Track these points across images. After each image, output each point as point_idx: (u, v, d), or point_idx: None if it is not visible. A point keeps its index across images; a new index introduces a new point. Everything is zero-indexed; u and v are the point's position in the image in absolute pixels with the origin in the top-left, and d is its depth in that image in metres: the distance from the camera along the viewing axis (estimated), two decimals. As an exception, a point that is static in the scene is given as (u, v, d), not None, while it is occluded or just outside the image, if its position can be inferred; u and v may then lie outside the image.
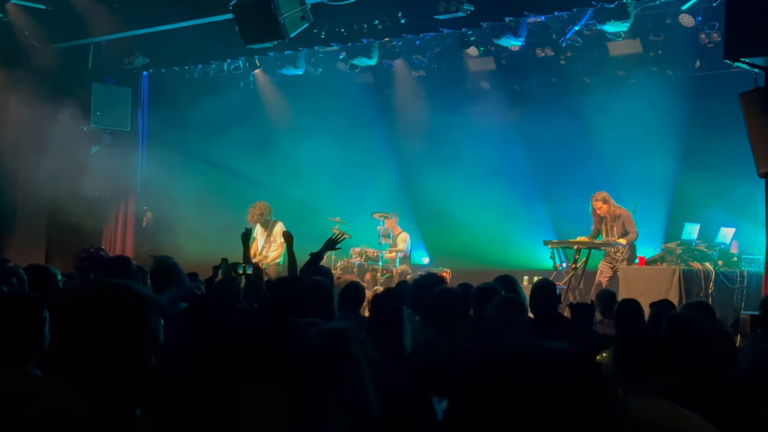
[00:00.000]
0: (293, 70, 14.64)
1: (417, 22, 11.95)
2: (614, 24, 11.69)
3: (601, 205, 12.99)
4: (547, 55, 14.00)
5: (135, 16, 13.48)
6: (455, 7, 10.98)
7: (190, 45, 13.82)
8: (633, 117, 14.06)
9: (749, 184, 10.29)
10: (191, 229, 15.16)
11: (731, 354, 4.63)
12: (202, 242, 14.18)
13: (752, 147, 9.16)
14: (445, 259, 15.26)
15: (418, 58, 15.22)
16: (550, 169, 14.96)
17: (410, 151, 16.14)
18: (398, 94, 16.52)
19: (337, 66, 15.09)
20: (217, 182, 15.77)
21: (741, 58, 9.27)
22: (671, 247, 12.34)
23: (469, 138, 15.67)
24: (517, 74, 15.21)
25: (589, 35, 13.22)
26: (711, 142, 13.04)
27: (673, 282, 11.64)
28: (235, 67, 15.19)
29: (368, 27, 12.30)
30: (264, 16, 11.17)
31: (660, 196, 13.94)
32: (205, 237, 14.75)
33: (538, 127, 15.08)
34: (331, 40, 12.81)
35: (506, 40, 12.49)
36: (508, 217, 14.88)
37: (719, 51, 10.41)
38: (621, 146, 14.03)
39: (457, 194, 15.41)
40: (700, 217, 12.85)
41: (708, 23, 12.32)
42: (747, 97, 9.27)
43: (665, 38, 13.09)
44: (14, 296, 3.70)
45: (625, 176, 13.81)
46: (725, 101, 12.01)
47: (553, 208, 14.88)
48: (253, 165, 16.03)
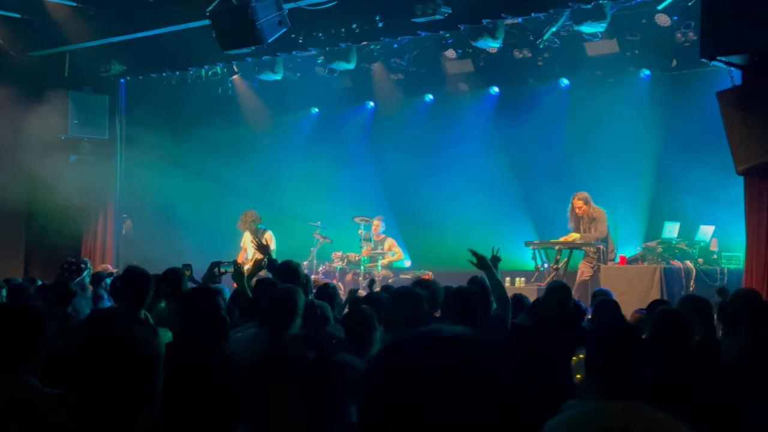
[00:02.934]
0: (271, 75, 14.60)
1: (395, 26, 11.94)
2: (591, 24, 11.73)
3: (582, 205, 13.04)
4: (524, 56, 14.03)
5: (111, 23, 13.41)
6: (432, 10, 10.98)
7: (167, 51, 13.77)
8: (611, 117, 14.13)
9: (728, 181, 10.34)
10: (171, 235, 15.10)
11: (714, 368, 4.56)
12: (182, 249, 14.12)
13: (730, 145, 9.21)
14: (427, 262, 15.26)
15: (396, 61, 15.23)
16: (529, 170, 14.99)
17: (390, 155, 16.13)
18: (377, 97, 16.54)
19: (315, 70, 15.07)
20: (196, 189, 15.71)
21: (717, 57, 9.32)
22: (652, 246, 12.40)
23: (448, 140, 15.71)
24: (494, 76, 15.25)
25: (566, 36, 13.25)
26: (689, 141, 13.11)
27: (654, 280, 11.70)
28: (213, 73, 15.14)
29: (346, 31, 12.30)
30: (241, 22, 11.13)
31: (640, 195, 14.00)
32: (185, 243, 14.70)
33: (516, 128, 15.13)
34: (309, 44, 12.79)
35: (484, 42, 12.49)
36: (488, 219, 14.89)
37: (695, 50, 10.45)
38: (600, 146, 14.09)
39: (437, 196, 15.42)
40: (679, 216, 12.92)
41: (684, 22, 12.38)
42: (724, 96, 9.33)
43: (642, 38, 13.14)
44: (12, 306, 3.70)
45: (604, 176, 13.86)
46: (702, 100, 12.09)
47: (534, 209, 14.91)
48: (233, 171, 16.01)
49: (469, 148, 15.50)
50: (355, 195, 16.10)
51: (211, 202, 15.58)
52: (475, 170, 15.41)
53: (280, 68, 14.54)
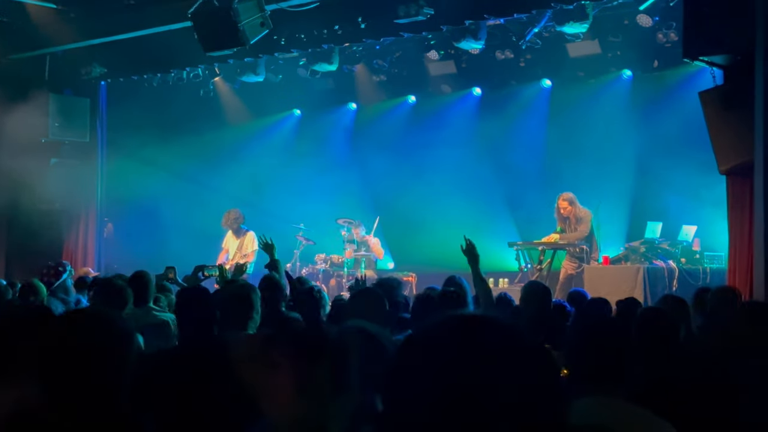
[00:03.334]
0: (253, 77, 14.55)
1: (377, 27, 11.92)
2: (573, 25, 11.75)
3: (567, 206, 13.06)
4: (507, 57, 14.04)
5: (92, 26, 13.33)
6: (415, 11, 10.97)
7: (148, 53, 13.69)
8: (593, 117, 14.19)
9: (711, 181, 10.37)
10: (154, 238, 15.03)
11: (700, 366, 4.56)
12: (166, 251, 14.05)
13: (713, 145, 9.24)
14: (410, 264, 15.25)
15: (378, 62, 15.21)
16: (512, 171, 15.00)
17: (372, 156, 16.13)
18: (359, 99, 16.52)
19: (297, 72, 15.04)
20: (179, 191, 15.65)
21: (699, 57, 9.35)
22: (635, 246, 12.44)
23: (431, 141, 15.71)
24: (477, 77, 15.26)
25: (549, 37, 13.28)
26: (671, 141, 13.17)
27: (638, 280, 11.74)
28: (195, 75, 15.07)
29: (328, 32, 12.26)
30: (223, 24, 11.08)
31: (622, 195, 14.03)
32: (167, 245, 14.63)
33: (499, 129, 15.16)
34: (292, 46, 12.75)
35: (466, 43, 12.50)
36: (471, 220, 14.86)
37: (677, 50, 10.51)
38: (582, 147, 14.14)
39: (420, 197, 15.41)
40: (662, 216, 12.97)
41: (665, 23, 12.43)
42: (707, 96, 9.36)
43: (623, 39, 13.18)
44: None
45: (587, 176, 13.89)
46: (684, 99, 12.15)
47: (517, 209, 14.93)
48: (215, 173, 15.96)
49: (452, 149, 15.50)
50: (337, 197, 16.08)
51: (193, 205, 15.51)
52: (457, 171, 15.41)
53: (262, 70, 14.50)
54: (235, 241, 14.03)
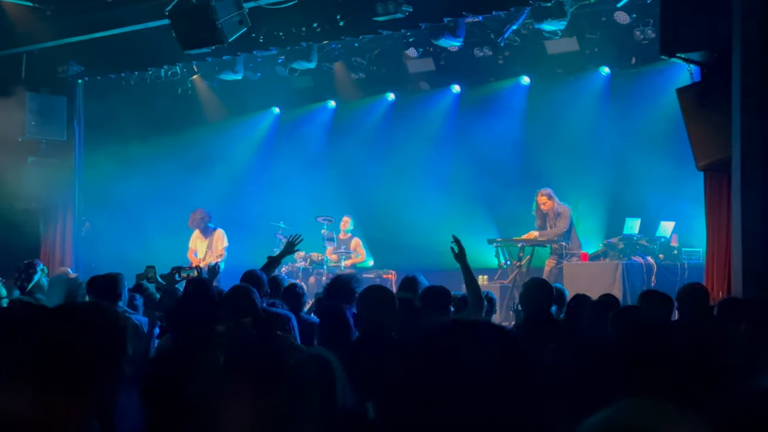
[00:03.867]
0: (232, 75, 14.50)
1: (356, 25, 11.92)
2: (551, 22, 11.79)
3: (546, 200, 13.10)
4: (485, 54, 14.06)
5: (69, 24, 13.25)
6: (394, 9, 10.98)
7: (126, 52, 13.63)
8: (572, 114, 14.26)
9: (688, 177, 10.43)
10: (132, 237, 14.96)
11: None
12: (144, 250, 13.98)
13: (690, 141, 9.29)
14: (390, 261, 15.24)
15: (357, 60, 15.20)
16: (491, 168, 15.02)
17: (351, 154, 16.11)
18: (338, 96, 16.51)
19: (276, 70, 15.00)
20: (157, 190, 15.57)
21: (677, 54, 9.41)
22: (613, 242, 12.51)
23: (410, 139, 15.73)
24: (456, 74, 15.26)
25: (527, 34, 13.32)
26: (649, 138, 13.25)
27: (616, 276, 11.81)
28: (173, 74, 15.00)
29: (307, 30, 12.25)
30: (201, 22, 11.05)
31: (601, 192, 14.10)
32: (146, 244, 14.56)
33: (477, 126, 15.18)
34: (270, 44, 12.72)
35: (445, 41, 12.52)
36: (450, 217, 14.91)
37: (654, 47, 10.55)
38: (561, 143, 14.20)
39: (399, 195, 15.41)
40: (640, 212, 13.04)
41: (643, 20, 12.48)
42: (684, 93, 9.42)
43: (601, 36, 13.23)
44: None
45: (565, 173, 13.95)
46: (661, 96, 12.22)
47: (496, 206, 14.95)
48: (194, 171, 15.88)
49: (431, 146, 15.53)
50: (317, 195, 16.05)
51: (172, 203, 15.43)
52: (436, 168, 15.43)
53: (241, 68, 14.45)
54: (204, 240, 14.00)
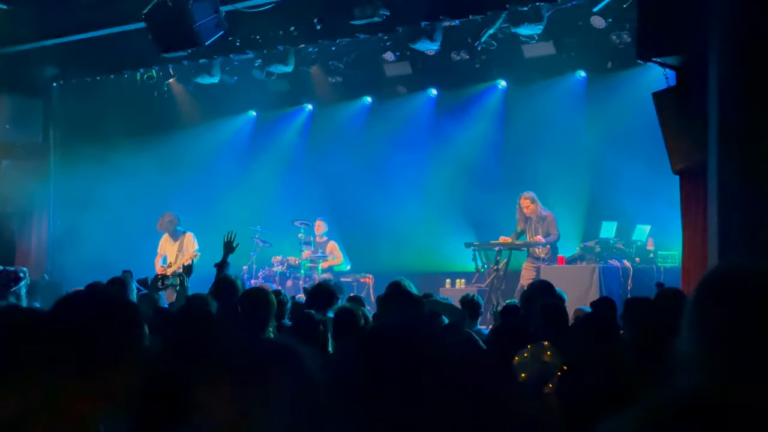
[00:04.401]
0: (208, 78, 14.46)
1: (333, 28, 11.91)
2: (528, 27, 11.83)
3: (530, 204, 13.14)
4: (462, 58, 14.07)
5: (44, 26, 13.16)
6: (371, 12, 10.97)
7: (102, 54, 13.56)
8: (549, 118, 14.31)
9: (664, 180, 10.47)
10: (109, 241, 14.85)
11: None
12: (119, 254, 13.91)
13: (666, 145, 9.34)
14: (367, 265, 15.23)
15: (334, 63, 15.18)
16: (468, 171, 15.06)
17: (328, 157, 16.10)
18: (315, 100, 16.49)
19: (252, 73, 14.95)
20: (133, 193, 15.48)
21: (653, 58, 9.46)
22: (590, 246, 12.57)
23: (387, 142, 15.72)
24: (433, 78, 15.28)
25: (504, 38, 13.36)
26: (626, 141, 13.31)
27: (593, 280, 11.87)
28: (149, 77, 14.96)
29: (284, 34, 12.23)
30: (178, 25, 11.02)
31: (578, 195, 14.15)
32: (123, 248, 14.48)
33: (455, 130, 15.22)
34: (247, 47, 12.70)
35: (422, 45, 12.53)
36: (428, 221, 14.95)
37: (630, 52, 10.61)
38: (538, 147, 14.25)
39: (376, 199, 15.40)
40: (617, 215, 13.11)
41: (619, 24, 12.52)
42: (660, 96, 9.46)
43: (578, 40, 13.29)
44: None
45: (542, 176, 14.00)
46: (638, 100, 12.27)
47: (473, 210, 14.97)
48: (170, 175, 15.79)
49: (408, 150, 15.52)
50: (294, 198, 16.03)
51: (149, 207, 15.34)
52: (414, 172, 15.44)
53: (217, 71, 14.41)
54: (173, 244, 13.96)
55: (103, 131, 14.94)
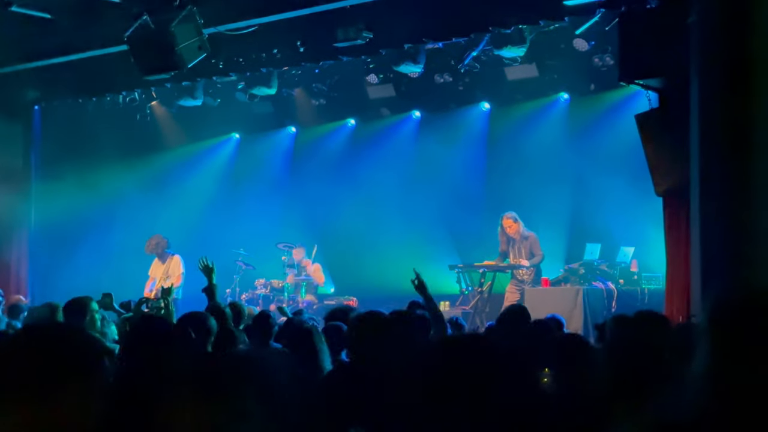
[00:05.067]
0: (191, 101, 14.40)
1: (316, 51, 11.90)
2: (511, 49, 11.86)
3: (512, 224, 13.13)
4: (445, 80, 14.09)
5: (25, 49, 13.08)
6: (354, 35, 10.97)
7: (83, 77, 13.47)
8: (532, 140, 14.35)
9: (648, 202, 10.48)
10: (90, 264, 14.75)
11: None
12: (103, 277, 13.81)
13: (649, 167, 9.35)
14: (351, 288, 15.18)
15: (317, 86, 15.18)
16: (452, 194, 15.05)
17: (312, 180, 16.08)
18: (299, 122, 16.47)
19: (236, 96, 14.92)
20: (115, 216, 15.40)
21: (635, 80, 9.49)
22: (574, 268, 12.57)
23: (371, 165, 15.71)
24: (416, 100, 15.29)
25: (487, 60, 13.39)
26: (609, 163, 13.34)
27: (578, 302, 11.85)
28: (131, 99, 14.89)
29: (267, 56, 12.20)
30: (160, 47, 10.96)
31: (561, 217, 14.15)
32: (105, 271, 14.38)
33: (438, 153, 15.22)
34: (230, 69, 12.66)
35: (405, 67, 12.55)
36: (412, 243, 14.90)
37: (613, 74, 10.64)
38: (521, 169, 14.27)
39: (360, 221, 15.38)
40: (601, 237, 13.11)
41: (601, 47, 12.56)
42: (642, 118, 9.48)
43: (560, 62, 13.33)
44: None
45: (526, 198, 14.00)
46: (621, 121, 12.32)
47: (457, 232, 14.96)
48: (153, 198, 15.73)
49: (392, 172, 15.52)
50: (277, 221, 15.99)
51: (130, 230, 15.27)
52: (398, 194, 15.42)
53: (200, 94, 14.36)
54: (161, 266, 13.89)
55: (86, 154, 14.86)
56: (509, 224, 13.15)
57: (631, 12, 9.40)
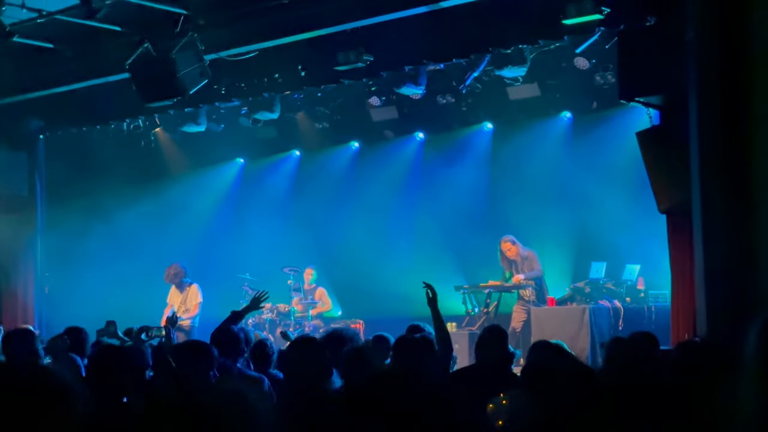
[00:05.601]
0: (194, 127, 14.44)
1: (317, 74, 11.92)
2: (512, 69, 11.86)
3: (510, 246, 13.13)
4: (448, 101, 14.12)
5: (28, 79, 13.15)
6: (355, 58, 11.01)
7: (86, 106, 13.53)
8: (535, 159, 14.33)
9: (652, 219, 10.44)
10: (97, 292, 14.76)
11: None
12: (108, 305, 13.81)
13: (652, 184, 9.34)
14: (357, 310, 15.15)
15: (320, 109, 15.21)
16: (457, 214, 15.03)
17: (316, 203, 16.08)
18: (302, 146, 16.50)
19: (239, 121, 14.97)
20: (120, 244, 15.41)
21: (635, 98, 9.50)
22: (580, 287, 12.52)
23: (375, 187, 15.72)
24: (419, 122, 15.31)
25: (488, 81, 13.40)
26: (612, 181, 13.32)
27: (584, 321, 11.81)
28: (135, 127, 14.94)
29: (268, 81, 12.23)
30: (162, 74, 11.01)
31: (566, 236, 14.11)
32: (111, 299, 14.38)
33: (442, 173, 15.23)
34: (232, 95, 12.68)
35: (407, 89, 12.57)
36: (417, 265, 14.85)
37: (614, 92, 10.64)
38: (525, 188, 14.26)
39: (366, 244, 15.37)
40: (606, 255, 13.07)
41: (602, 65, 12.58)
42: (644, 136, 9.48)
43: (562, 81, 13.33)
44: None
45: (530, 217, 13.98)
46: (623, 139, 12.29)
47: (462, 253, 14.92)
48: (158, 224, 15.75)
49: (397, 194, 15.53)
50: (283, 245, 15.97)
51: (136, 257, 15.27)
52: (403, 216, 15.42)
53: (203, 120, 14.40)
54: (179, 295, 13.87)
55: (91, 182, 14.89)
56: (508, 247, 13.16)
57: (630, 30, 9.42)
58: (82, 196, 14.84)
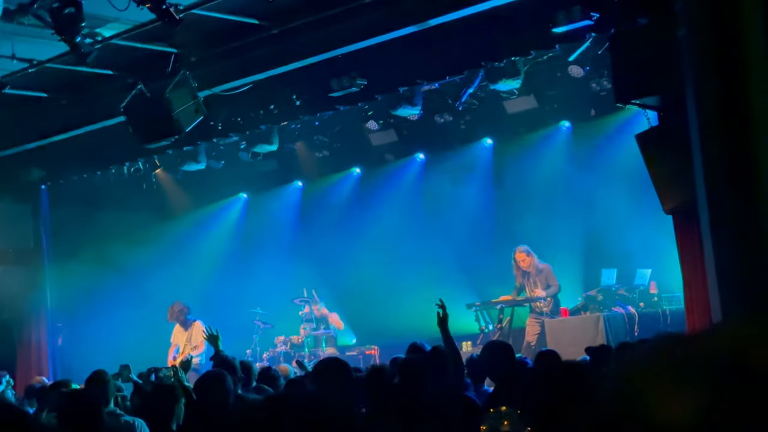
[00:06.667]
0: (195, 165, 14.42)
1: (313, 103, 11.90)
2: (506, 82, 11.82)
3: (525, 257, 13.03)
4: (446, 120, 14.06)
5: (27, 130, 13.18)
6: (348, 83, 10.99)
7: (86, 152, 13.55)
8: (538, 170, 14.26)
9: (660, 222, 10.35)
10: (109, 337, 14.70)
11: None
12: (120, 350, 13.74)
13: (655, 185, 9.25)
14: (372, 337, 15.06)
15: (319, 138, 15.19)
16: (464, 232, 14.95)
17: (323, 232, 16.03)
18: (304, 176, 16.48)
19: (239, 155, 14.94)
20: (129, 287, 15.37)
21: (632, 101, 9.42)
22: (592, 295, 12.41)
23: (380, 211, 15.67)
24: (419, 143, 15.27)
25: (485, 96, 13.37)
26: (617, 186, 13.23)
27: (599, 329, 11.68)
28: (136, 170, 14.94)
29: (264, 113, 12.21)
30: (157, 114, 11.00)
31: (575, 245, 14.01)
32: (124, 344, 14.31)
33: (446, 192, 15.16)
34: (229, 130, 12.67)
35: (403, 110, 12.53)
36: (428, 286, 14.72)
37: (611, 98, 10.58)
38: (529, 201, 14.19)
39: (375, 269, 15.29)
40: (616, 261, 12.96)
41: (597, 72, 12.51)
42: (643, 137, 9.40)
43: (558, 91, 13.29)
44: None
45: (537, 229, 13.89)
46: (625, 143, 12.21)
47: (471, 270, 14.82)
48: (165, 265, 15.70)
49: (402, 216, 15.47)
50: (292, 276, 15.89)
51: (148, 299, 15.22)
52: (409, 237, 15.34)
53: (203, 157, 14.39)
54: (184, 333, 13.79)
55: (95, 228, 14.89)
56: (522, 258, 13.04)
57: (620, 33, 9.35)
58: (88, 243, 14.84)
